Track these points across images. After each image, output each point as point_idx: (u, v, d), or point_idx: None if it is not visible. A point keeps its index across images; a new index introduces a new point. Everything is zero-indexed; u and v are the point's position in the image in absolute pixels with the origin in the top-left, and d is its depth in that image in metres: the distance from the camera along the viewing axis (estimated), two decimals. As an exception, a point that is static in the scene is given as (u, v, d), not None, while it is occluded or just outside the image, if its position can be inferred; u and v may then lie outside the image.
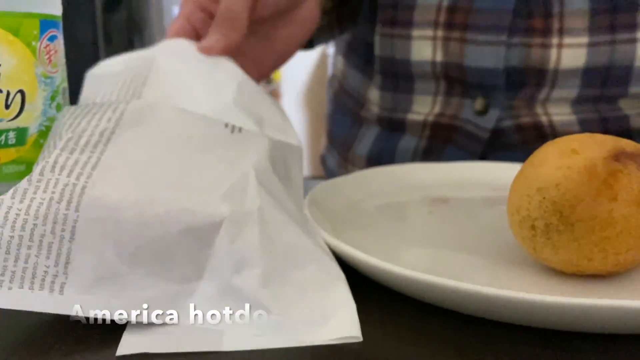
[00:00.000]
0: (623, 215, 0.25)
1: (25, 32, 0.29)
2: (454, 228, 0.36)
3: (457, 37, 0.49)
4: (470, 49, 0.49)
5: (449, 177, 0.45)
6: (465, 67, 0.50)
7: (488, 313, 0.24)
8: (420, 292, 0.25)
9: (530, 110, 0.50)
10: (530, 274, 0.29)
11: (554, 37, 0.47)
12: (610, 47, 0.47)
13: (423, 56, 0.51)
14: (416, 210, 0.39)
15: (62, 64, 0.32)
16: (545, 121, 0.49)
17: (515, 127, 0.50)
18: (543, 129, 0.50)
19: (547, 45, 0.47)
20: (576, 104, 0.49)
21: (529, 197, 0.28)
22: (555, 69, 0.48)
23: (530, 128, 0.50)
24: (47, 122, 0.31)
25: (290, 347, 0.23)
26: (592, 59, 0.47)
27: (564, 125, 0.49)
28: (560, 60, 0.47)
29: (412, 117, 0.54)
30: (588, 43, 0.47)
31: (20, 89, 0.29)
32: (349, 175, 0.42)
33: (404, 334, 0.24)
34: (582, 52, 0.47)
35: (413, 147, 0.55)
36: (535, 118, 0.50)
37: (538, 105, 0.50)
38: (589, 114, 0.49)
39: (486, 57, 0.48)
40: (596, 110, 0.49)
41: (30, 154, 0.30)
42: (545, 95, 0.49)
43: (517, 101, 0.50)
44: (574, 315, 0.22)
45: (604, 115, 0.49)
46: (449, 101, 0.52)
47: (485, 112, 0.50)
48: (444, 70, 0.51)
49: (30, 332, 0.24)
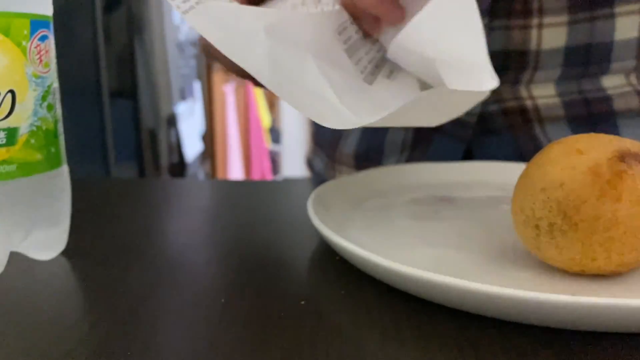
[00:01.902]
0: (627, 215, 0.25)
1: (16, 32, 0.29)
2: (459, 227, 0.36)
3: None
4: None
5: (454, 176, 0.45)
6: None
7: (491, 311, 0.24)
8: (425, 291, 0.26)
9: (515, 94, 0.50)
10: (534, 274, 0.29)
11: (534, 17, 0.47)
12: (590, 24, 0.47)
13: None
14: (421, 210, 0.40)
15: (53, 63, 0.32)
16: (530, 105, 0.50)
17: (501, 111, 0.51)
18: (528, 114, 0.50)
19: (527, 26, 0.48)
20: (560, 84, 0.49)
21: (533, 197, 0.28)
22: (537, 50, 0.48)
23: (515, 112, 0.50)
24: (37, 122, 0.30)
25: (291, 343, 0.22)
26: (573, 38, 0.47)
27: (549, 109, 0.50)
28: (541, 40, 0.48)
29: None
30: (568, 21, 0.47)
31: (11, 89, 0.29)
32: (354, 175, 0.43)
33: (404, 334, 0.24)
34: (563, 31, 0.47)
35: (401, 139, 0.55)
36: (520, 102, 0.50)
37: (522, 87, 0.50)
38: (573, 96, 0.49)
39: None
40: (580, 91, 0.49)
41: (21, 154, 0.30)
42: (529, 77, 0.49)
43: (502, 85, 0.50)
44: (577, 314, 0.22)
45: (588, 96, 0.49)
46: None
47: None
48: None
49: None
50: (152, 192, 0.52)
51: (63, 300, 0.28)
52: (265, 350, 0.23)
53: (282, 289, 0.29)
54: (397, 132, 0.55)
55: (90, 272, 0.31)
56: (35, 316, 0.26)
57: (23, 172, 0.30)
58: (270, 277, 0.30)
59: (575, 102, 0.49)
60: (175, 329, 0.25)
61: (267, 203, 0.46)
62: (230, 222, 0.41)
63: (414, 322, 0.25)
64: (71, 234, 0.35)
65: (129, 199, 0.47)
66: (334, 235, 0.29)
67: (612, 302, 0.22)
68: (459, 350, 0.23)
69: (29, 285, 0.30)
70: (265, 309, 0.27)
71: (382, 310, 0.26)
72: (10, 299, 0.28)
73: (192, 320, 0.26)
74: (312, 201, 0.34)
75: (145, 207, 0.45)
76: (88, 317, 0.26)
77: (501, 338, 0.24)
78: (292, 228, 0.39)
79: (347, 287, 0.29)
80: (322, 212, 0.33)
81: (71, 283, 0.30)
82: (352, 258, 0.29)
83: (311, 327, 0.25)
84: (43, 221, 0.32)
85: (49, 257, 0.33)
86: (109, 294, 0.28)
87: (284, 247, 0.35)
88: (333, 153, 0.61)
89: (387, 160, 0.56)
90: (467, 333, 0.24)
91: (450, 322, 0.25)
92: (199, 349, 0.23)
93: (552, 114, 0.50)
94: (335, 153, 0.61)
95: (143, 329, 0.25)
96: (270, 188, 0.52)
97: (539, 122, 0.50)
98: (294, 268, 0.32)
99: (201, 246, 0.36)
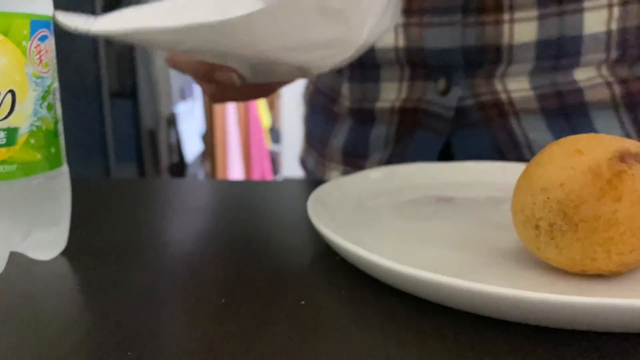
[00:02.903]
0: (627, 215, 0.25)
1: (16, 32, 0.29)
2: (459, 227, 0.36)
3: (415, 22, 0.51)
4: (428, 32, 0.50)
5: (454, 176, 0.45)
6: (425, 50, 0.51)
7: (491, 311, 0.24)
8: (425, 291, 0.26)
9: (490, 88, 0.51)
10: (533, 274, 0.29)
11: (506, 13, 0.49)
12: (559, 18, 0.48)
13: (386, 43, 0.53)
14: (421, 210, 0.40)
15: (53, 63, 0.32)
16: (504, 98, 0.51)
17: (477, 105, 0.52)
18: (503, 107, 0.51)
19: (499, 21, 0.49)
20: (533, 77, 0.50)
21: (533, 197, 0.28)
22: (509, 44, 0.49)
23: (491, 106, 0.51)
24: (37, 122, 0.30)
25: (291, 343, 0.22)
26: (543, 32, 0.48)
27: (523, 101, 0.51)
28: (513, 35, 0.49)
29: (380, 106, 0.56)
30: (537, 16, 0.48)
31: (11, 89, 0.29)
32: (354, 175, 0.43)
33: (404, 334, 0.24)
34: (533, 26, 0.48)
35: (384, 135, 0.57)
36: (495, 96, 0.51)
37: (497, 81, 0.51)
38: (546, 88, 0.50)
39: (443, 38, 0.50)
40: (553, 84, 0.50)
41: (21, 154, 0.30)
42: (503, 70, 0.51)
43: (477, 79, 0.51)
44: (578, 314, 0.22)
45: (560, 89, 0.50)
46: (414, 85, 0.54)
47: (447, 91, 0.52)
48: (406, 55, 0.53)
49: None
50: (152, 192, 0.52)
51: (63, 300, 0.28)
52: (265, 350, 0.23)
53: (282, 289, 0.29)
54: (381, 127, 0.57)
55: (90, 272, 0.31)
56: (35, 316, 0.26)
57: (23, 172, 0.30)
58: (270, 277, 0.30)
59: (548, 94, 0.51)
60: (175, 329, 0.25)
61: (267, 203, 0.46)
62: (230, 222, 0.41)
63: (414, 322, 0.25)
64: (71, 234, 0.35)
65: (129, 199, 0.47)
66: (334, 235, 0.29)
67: (612, 302, 0.22)
68: (459, 350, 0.23)
69: (29, 285, 0.30)
70: (265, 309, 0.27)
71: (382, 310, 0.26)
72: (10, 299, 0.28)
73: (192, 320, 0.26)
74: (312, 201, 0.34)
75: (145, 207, 0.45)
76: (88, 317, 0.26)
77: (501, 338, 0.24)
78: (292, 228, 0.39)
79: (347, 287, 0.29)
80: (322, 212, 0.33)
81: (71, 283, 0.30)
82: (352, 258, 0.28)
83: (311, 327, 0.25)
84: (43, 221, 0.32)
85: (49, 257, 0.33)
86: (109, 294, 0.28)
87: (284, 247, 0.35)
88: (323, 150, 0.63)
89: (373, 155, 0.58)
90: (467, 333, 0.24)
91: (450, 322, 0.25)
92: (199, 349, 0.23)
93: (526, 107, 0.51)
94: (325, 150, 0.63)
95: (143, 329, 0.25)
96: (270, 188, 0.52)
97: (514, 114, 0.51)
98: (294, 268, 0.32)
99: (201, 246, 0.36)
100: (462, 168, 0.46)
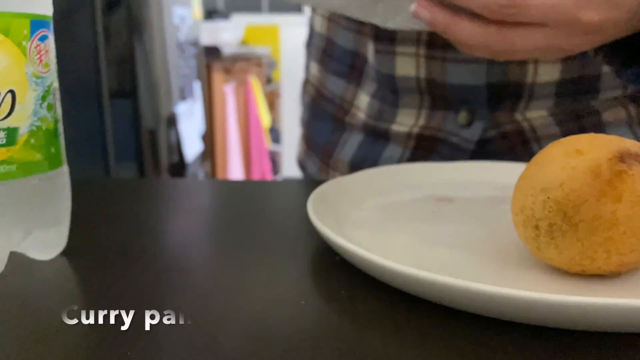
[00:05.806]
0: (627, 216, 0.25)
1: (16, 32, 0.29)
2: (458, 227, 0.36)
3: (438, 55, 0.51)
4: (452, 67, 0.50)
5: (454, 176, 0.45)
6: (448, 85, 0.51)
7: (491, 311, 0.24)
8: (425, 291, 0.26)
9: (511, 119, 0.52)
10: (533, 274, 0.29)
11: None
12: (581, 61, 0.50)
13: (407, 72, 0.53)
14: (420, 210, 0.40)
15: (53, 63, 0.32)
16: (526, 127, 0.52)
17: (500, 135, 0.52)
18: (525, 134, 0.52)
19: (524, 61, 0.49)
20: (553, 108, 0.52)
21: (533, 197, 0.28)
22: (532, 82, 0.50)
23: (514, 135, 0.52)
24: (37, 122, 0.30)
25: (291, 342, 0.22)
26: (566, 73, 0.50)
27: (543, 127, 0.52)
28: (537, 74, 0.50)
29: (396, 128, 0.56)
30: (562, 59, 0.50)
31: (11, 89, 0.29)
32: (354, 175, 0.43)
33: (404, 334, 0.24)
34: (557, 67, 0.50)
35: (398, 156, 0.56)
36: (517, 125, 0.52)
37: (518, 113, 0.52)
38: (565, 115, 0.52)
39: (468, 74, 0.50)
40: (572, 111, 0.52)
41: (21, 154, 0.30)
42: (525, 105, 0.52)
43: (499, 112, 0.52)
44: (577, 314, 0.22)
45: (579, 113, 0.52)
46: (433, 114, 0.54)
47: (469, 124, 0.52)
48: (427, 87, 0.53)
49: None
50: (152, 192, 0.52)
51: (63, 300, 0.28)
52: (265, 350, 0.23)
53: (282, 289, 0.29)
54: (396, 149, 0.56)
55: (90, 272, 0.31)
56: (35, 316, 0.26)
57: (23, 172, 0.30)
58: (270, 277, 0.30)
59: (567, 119, 0.52)
60: (174, 329, 0.25)
61: (267, 203, 0.46)
62: (230, 222, 0.41)
63: (414, 322, 0.25)
64: (71, 234, 0.35)
65: (129, 199, 0.47)
66: (334, 235, 0.29)
67: (612, 302, 0.22)
68: (459, 351, 0.23)
69: (29, 285, 0.30)
70: (265, 309, 0.27)
71: (382, 311, 0.26)
72: (10, 299, 0.28)
73: (192, 320, 0.26)
74: (312, 201, 0.34)
75: (145, 207, 0.45)
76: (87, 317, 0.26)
77: (501, 338, 0.24)
78: (292, 228, 0.39)
79: (347, 287, 0.29)
80: (322, 212, 0.33)
81: (71, 283, 0.30)
82: (352, 258, 0.28)
83: (311, 327, 0.25)
84: (43, 221, 0.32)
85: (49, 257, 0.33)
86: (109, 293, 0.28)
87: (284, 247, 0.35)
88: (327, 159, 0.62)
89: None
90: (467, 333, 0.24)
91: (451, 322, 0.25)
92: (199, 349, 0.23)
93: (547, 132, 0.52)
94: (330, 160, 0.62)
95: (142, 329, 0.25)
96: (270, 188, 0.52)
97: (536, 141, 0.52)
98: (294, 268, 0.32)
99: (201, 246, 0.36)
100: (462, 168, 0.46)
